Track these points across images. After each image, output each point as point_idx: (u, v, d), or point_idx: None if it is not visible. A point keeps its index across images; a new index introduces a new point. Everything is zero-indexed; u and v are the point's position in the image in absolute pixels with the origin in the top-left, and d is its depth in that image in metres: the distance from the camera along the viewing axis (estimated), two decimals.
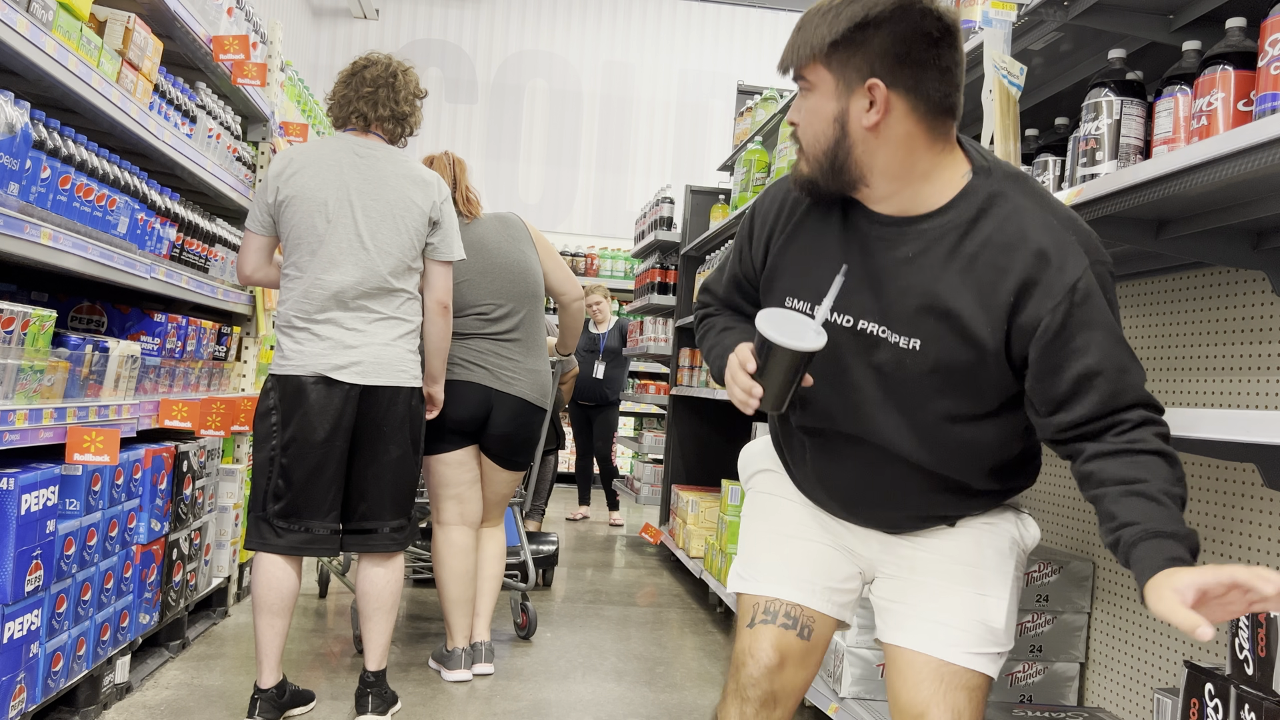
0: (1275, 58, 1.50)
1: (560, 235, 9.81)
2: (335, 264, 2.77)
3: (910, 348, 1.52)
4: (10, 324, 2.18)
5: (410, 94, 2.96)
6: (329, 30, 10.12)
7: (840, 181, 1.51)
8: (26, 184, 2.20)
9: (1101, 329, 1.43)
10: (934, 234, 1.50)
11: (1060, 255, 1.44)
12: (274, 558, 2.78)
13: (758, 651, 1.68)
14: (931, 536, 1.70)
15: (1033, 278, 1.44)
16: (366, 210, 2.80)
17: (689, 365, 5.63)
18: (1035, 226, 1.46)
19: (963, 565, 1.67)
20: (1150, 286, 2.47)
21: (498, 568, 3.50)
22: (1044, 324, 1.44)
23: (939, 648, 1.62)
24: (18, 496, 2.23)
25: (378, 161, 2.86)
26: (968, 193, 1.49)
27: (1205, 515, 2.23)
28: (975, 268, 1.47)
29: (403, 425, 2.86)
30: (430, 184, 2.92)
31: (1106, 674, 2.55)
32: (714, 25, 10.61)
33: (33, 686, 2.37)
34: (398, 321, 2.84)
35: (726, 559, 4.19)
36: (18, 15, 2.12)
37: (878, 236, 1.54)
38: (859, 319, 1.56)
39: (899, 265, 1.52)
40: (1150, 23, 2.02)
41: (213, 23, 3.54)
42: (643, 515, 7.86)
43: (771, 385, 1.52)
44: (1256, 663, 1.59)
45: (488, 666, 3.42)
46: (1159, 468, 1.39)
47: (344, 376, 2.75)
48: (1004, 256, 1.46)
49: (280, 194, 2.80)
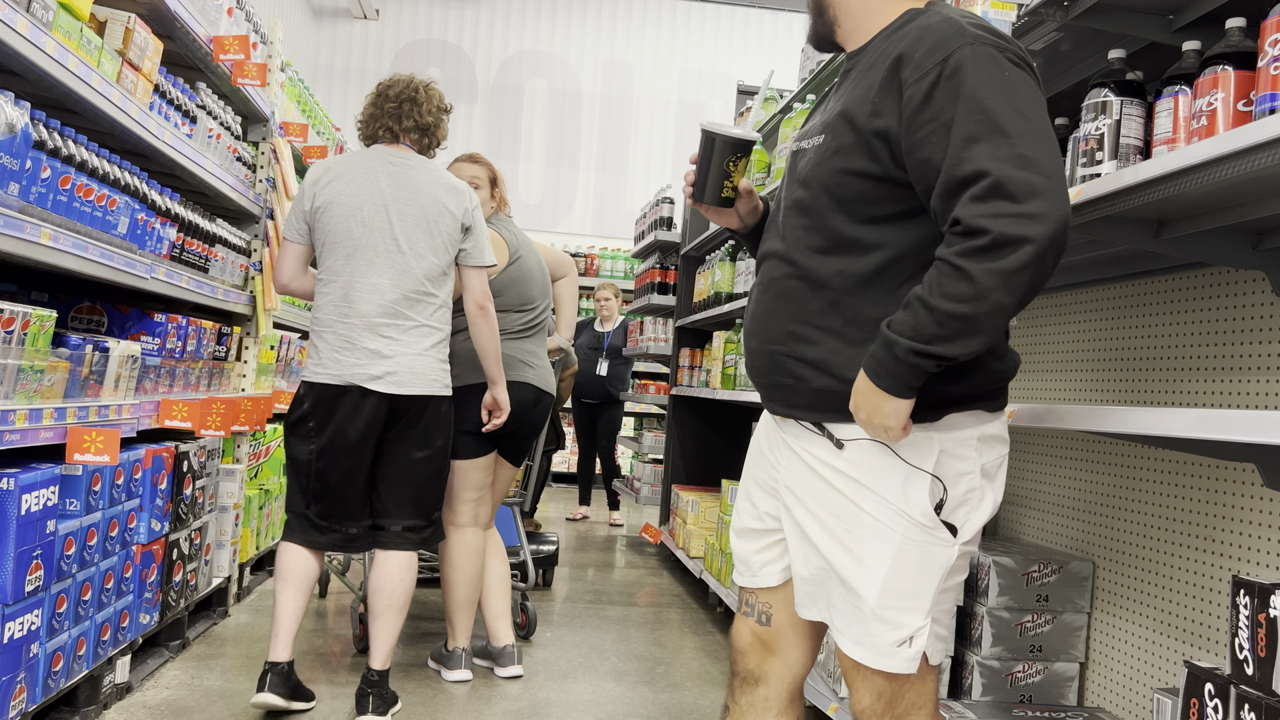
0: (1275, 58, 1.51)
1: (560, 235, 9.82)
2: (372, 267, 2.86)
3: (818, 144, 1.65)
4: (10, 324, 2.18)
5: (434, 107, 3.08)
6: (329, 30, 10.12)
7: (824, 23, 1.75)
8: (27, 184, 2.20)
9: (967, 103, 1.44)
10: (867, 51, 1.66)
11: (940, 33, 1.50)
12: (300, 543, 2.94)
13: (736, 637, 1.85)
14: (804, 463, 1.66)
15: (908, 52, 1.51)
16: (402, 215, 2.90)
17: (689, 365, 5.63)
18: (934, 19, 1.56)
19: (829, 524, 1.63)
20: (1150, 286, 2.47)
21: (506, 567, 3.52)
22: (908, 94, 1.49)
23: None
24: (18, 496, 2.23)
25: (411, 169, 2.97)
26: (901, 16, 1.65)
27: (1205, 515, 2.23)
28: (877, 61, 1.59)
29: (428, 431, 2.95)
30: (462, 191, 3.02)
31: (1106, 674, 2.55)
32: (714, 25, 10.61)
33: (33, 686, 2.37)
34: (430, 330, 2.93)
35: (726, 559, 4.19)
36: (18, 15, 2.12)
37: (845, 70, 1.72)
38: (800, 141, 1.73)
39: (841, 88, 1.69)
40: (1150, 23, 2.02)
41: (213, 23, 3.54)
42: (643, 515, 7.86)
43: (701, 173, 1.80)
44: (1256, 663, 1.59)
45: (520, 668, 3.44)
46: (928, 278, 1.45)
47: (379, 387, 2.84)
48: (896, 43, 1.56)
49: (317, 200, 2.91)
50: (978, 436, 1.59)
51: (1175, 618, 2.29)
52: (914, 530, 1.56)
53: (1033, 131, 1.43)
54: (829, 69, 3.87)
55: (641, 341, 6.55)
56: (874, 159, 1.54)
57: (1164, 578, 2.34)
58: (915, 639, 1.58)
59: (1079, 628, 2.61)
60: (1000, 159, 1.40)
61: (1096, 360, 2.66)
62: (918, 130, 1.48)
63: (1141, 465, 2.45)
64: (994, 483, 1.63)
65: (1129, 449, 2.50)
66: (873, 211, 1.57)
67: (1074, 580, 2.60)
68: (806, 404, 1.64)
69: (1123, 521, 2.51)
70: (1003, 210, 1.38)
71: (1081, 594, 2.60)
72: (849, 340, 1.59)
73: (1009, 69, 1.47)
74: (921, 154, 1.48)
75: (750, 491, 1.83)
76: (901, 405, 1.48)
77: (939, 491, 1.57)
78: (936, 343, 1.43)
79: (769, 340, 1.68)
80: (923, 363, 1.45)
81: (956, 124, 1.44)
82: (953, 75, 1.46)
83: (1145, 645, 2.40)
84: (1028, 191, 1.38)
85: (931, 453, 1.56)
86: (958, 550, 1.59)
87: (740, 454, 5.06)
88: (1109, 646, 2.54)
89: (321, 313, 2.90)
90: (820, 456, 1.63)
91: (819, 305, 1.61)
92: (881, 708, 1.62)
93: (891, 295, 1.56)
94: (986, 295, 1.39)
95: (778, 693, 1.79)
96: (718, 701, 3.32)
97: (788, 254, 1.66)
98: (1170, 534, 2.33)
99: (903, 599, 1.57)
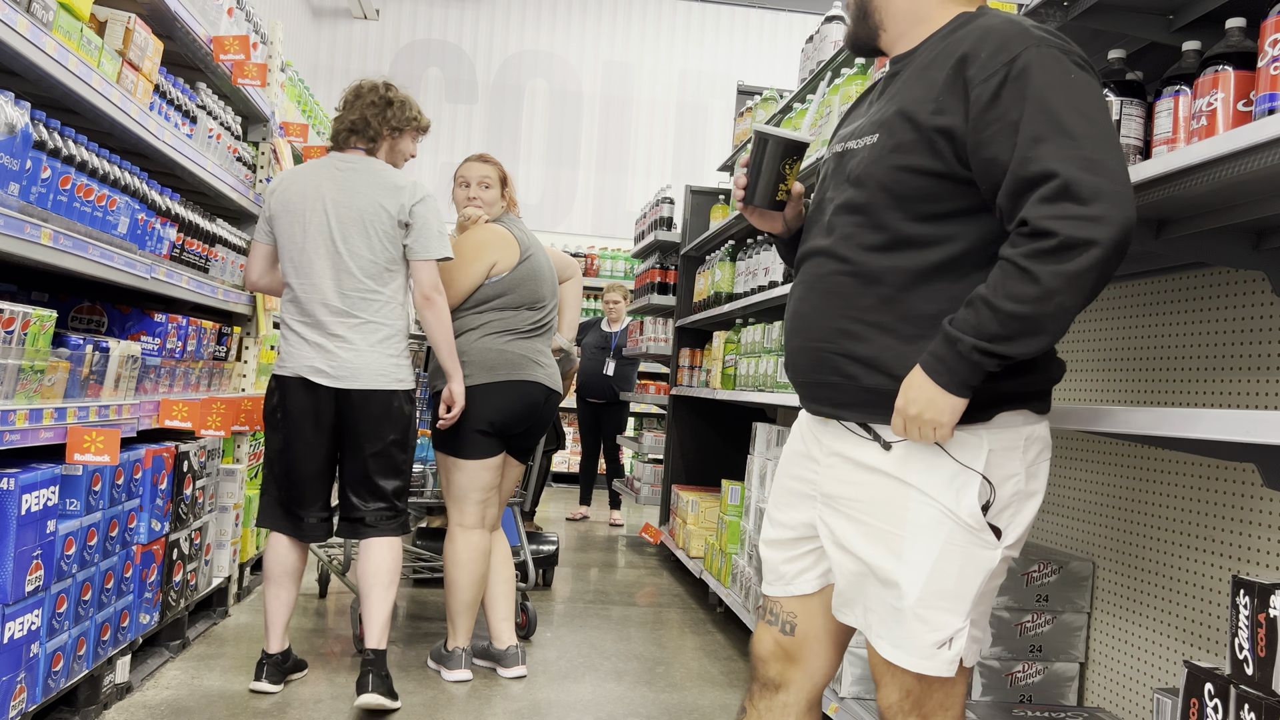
0: (1275, 58, 1.51)
1: (560, 235, 9.81)
2: (314, 268, 3.02)
3: (871, 143, 1.63)
4: (10, 324, 2.18)
5: (368, 103, 3.15)
6: (329, 30, 10.12)
7: (868, 27, 1.74)
8: (27, 184, 2.20)
9: (1034, 104, 1.44)
10: (920, 52, 1.65)
11: (1006, 34, 1.51)
12: (281, 536, 3.12)
13: (758, 645, 1.83)
14: (850, 467, 1.64)
15: (973, 52, 1.51)
16: (339, 218, 3.03)
17: (689, 365, 5.63)
18: (996, 20, 1.56)
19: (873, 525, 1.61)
20: (1150, 286, 2.47)
21: (512, 570, 3.54)
22: (975, 94, 1.49)
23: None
24: (18, 496, 2.23)
25: (355, 173, 3.10)
26: (955, 19, 1.65)
27: (1205, 515, 2.23)
28: (936, 60, 1.58)
29: (379, 424, 3.04)
30: (401, 189, 3.09)
31: (1106, 674, 2.55)
32: (714, 25, 10.61)
33: (33, 686, 2.37)
34: (377, 326, 3.04)
35: (726, 559, 4.19)
36: (18, 15, 2.12)
37: (890, 75, 1.70)
38: (847, 141, 1.71)
39: (890, 89, 1.67)
40: (1150, 23, 2.02)
41: (213, 23, 3.54)
42: (643, 515, 7.86)
43: (754, 175, 1.77)
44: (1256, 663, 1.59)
45: (524, 669, 3.45)
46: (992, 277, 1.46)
47: (325, 381, 3.00)
48: (957, 44, 1.56)
49: (270, 208, 3.13)
50: (1025, 438, 1.58)
51: (1175, 618, 2.29)
52: (959, 531, 1.54)
53: (1098, 134, 1.43)
54: (829, 69, 3.87)
55: (641, 341, 6.55)
56: (936, 156, 1.54)
57: (1164, 578, 2.34)
58: (955, 640, 1.56)
59: (1079, 628, 2.61)
60: (1067, 160, 1.41)
61: (1096, 360, 2.66)
62: (984, 129, 1.48)
63: (1141, 465, 2.45)
64: (1037, 487, 1.61)
65: (1129, 449, 2.50)
66: (932, 209, 1.57)
67: (1074, 580, 2.60)
68: (854, 403, 1.62)
69: (1123, 521, 2.51)
70: (1070, 212, 1.39)
71: (1081, 594, 2.60)
72: (901, 337, 1.57)
73: (1074, 71, 1.48)
74: (987, 152, 1.48)
75: (784, 500, 1.80)
76: (957, 403, 1.48)
77: (987, 492, 1.55)
78: (999, 342, 1.44)
79: (815, 338, 1.66)
80: (984, 361, 1.45)
81: (1024, 124, 1.44)
82: (1019, 76, 1.46)
83: (1145, 645, 2.40)
84: (1094, 194, 1.39)
85: (981, 452, 1.55)
86: (1001, 553, 1.57)
87: (740, 454, 5.04)
88: (1109, 646, 2.54)
89: (283, 312, 3.11)
90: (862, 459, 1.62)
91: (871, 301, 1.60)
92: (909, 706, 1.61)
93: (947, 292, 1.55)
94: (1051, 297, 1.40)
95: (797, 700, 1.78)
96: (718, 701, 3.32)
97: (837, 250, 1.64)
98: (1170, 534, 2.33)
99: (944, 600, 1.55)
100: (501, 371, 3.29)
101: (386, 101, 3.16)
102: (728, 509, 4.40)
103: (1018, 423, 1.58)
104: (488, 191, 3.50)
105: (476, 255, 3.35)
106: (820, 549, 1.72)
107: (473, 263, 3.33)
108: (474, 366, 3.25)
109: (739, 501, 4.31)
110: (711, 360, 4.99)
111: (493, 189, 3.51)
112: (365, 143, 3.14)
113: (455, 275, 3.31)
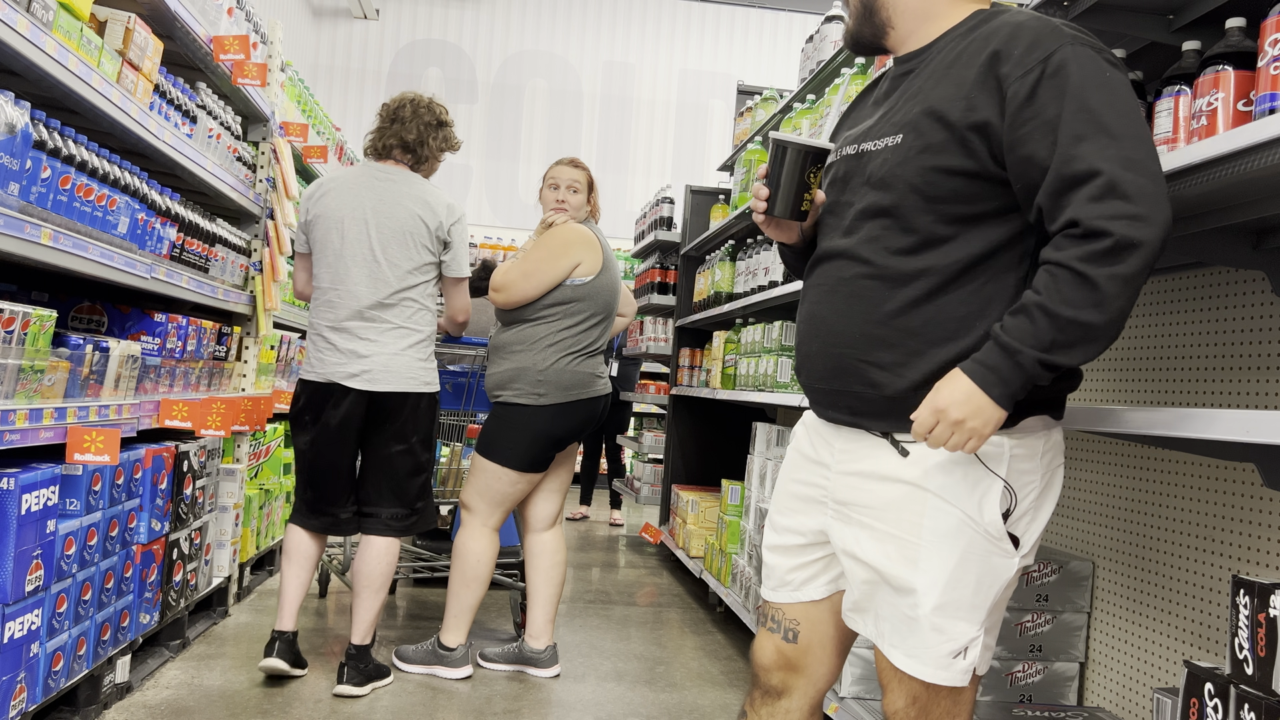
0: (1275, 58, 1.51)
1: None
2: (350, 275, 3.12)
3: (895, 144, 1.59)
4: (10, 324, 2.18)
5: (422, 124, 3.27)
6: (329, 30, 10.12)
7: (874, 26, 1.71)
8: (27, 184, 2.20)
9: (1073, 102, 1.42)
10: (935, 50, 1.63)
11: (1037, 32, 1.49)
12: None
13: (759, 654, 1.82)
14: (868, 480, 1.61)
15: (1005, 49, 1.49)
16: (380, 227, 3.14)
17: (689, 365, 5.63)
18: (1023, 17, 1.54)
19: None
20: (1150, 286, 2.47)
21: (565, 570, 3.60)
22: (1011, 91, 1.47)
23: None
24: (18, 496, 2.23)
25: (394, 184, 3.21)
26: (971, 16, 1.63)
27: (1205, 515, 2.23)
28: (961, 57, 1.56)
29: (404, 426, 3.18)
30: (437, 208, 3.21)
31: (1106, 674, 2.55)
32: (714, 25, 10.62)
33: (33, 686, 2.37)
34: (408, 331, 3.16)
35: (726, 559, 4.19)
36: (18, 15, 2.12)
37: (899, 74, 1.69)
38: (862, 142, 1.67)
39: (904, 88, 1.64)
40: (1150, 23, 2.02)
41: (213, 23, 3.54)
42: (643, 515, 7.86)
43: (775, 185, 1.70)
44: (1256, 663, 1.59)
45: (559, 668, 3.52)
46: (1041, 280, 1.43)
47: (355, 384, 3.10)
48: (984, 41, 1.54)
49: (309, 214, 3.22)
50: (1044, 443, 1.57)
51: (1175, 618, 2.29)
52: (979, 540, 1.52)
53: (1136, 134, 1.42)
54: (829, 69, 3.87)
55: (641, 341, 6.55)
56: (970, 155, 1.51)
57: (1164, 578, 2.34)
58: (970, 650, 1.54)
59: (1079, 627, 2.61)
60: (1110, 159, 1.39)
61: (1096, 360, 2.66)
62: (1021, 126, 1.46)
63: (1141, 465, 2.45)
64: (1052, 494, 1.60)
65: (1129, 449, 2.50)
66: (964, 210, 1.54)
67: (1074, 580, 2.60)
68: (877, 412, 1.59)
69: (1123, 521, 2.51)
70: (1121, 211, 1.37)
71: (1081, 594, 2.60)
72: (928, 340, 1.55)
73: (1109, 70, 1.46)
74: (1024, 150, 1.46)
75: (790, 505, 1.77)
76: (1002, 415, 1.45)
77: (1009, 500, 1.53)
78: (1057, 350, 1.40)
79: (837, 343, 1.62)
80: (1042, 373, 1.42)
81: (1063, 122, 1.42)
82: (1056, 73, 1.44)
83: (1145, 645, 2.40)
84: (1139, 193, 1.37)
85: (1004, 458, 1.53)
86: (1018, 563, 1.56)
87: (740, 454, 5.03)
88: (1109, 646, 2.54)
89: (314, 316, 3.20)
90: (878, 464, 1.60)
91: (898, 305, 1.56)
92: (915, 713, 1.59)
93: (978, 294, 1.53)
94: (1110, 301, 1.37)
95: (799, 705, 1.77)
96: (718, 701, 3.32)
97: (860, 253, 1.60)
98: (1170, 534, 2.33)
99: (960, 609, 1.53)
100: (574, 391, 3.35)
101: (440, 123, 3.31)
102: (728, 509, 4.40)
103: (1038, 428, 1.56)
104: (575, 196, 3.53)
105: (564, 251, 3.37)
106: (830, 555, 1.70)
107: (560, 258, 3.35)
108: (550, 386, 3.31)
109: (739, 501, 4.31)
110: (711, 360, 5.00)
111: (580, 194, 3.54)
112: (410, 158, 3.27)
113: (538, 267, 3.33)
